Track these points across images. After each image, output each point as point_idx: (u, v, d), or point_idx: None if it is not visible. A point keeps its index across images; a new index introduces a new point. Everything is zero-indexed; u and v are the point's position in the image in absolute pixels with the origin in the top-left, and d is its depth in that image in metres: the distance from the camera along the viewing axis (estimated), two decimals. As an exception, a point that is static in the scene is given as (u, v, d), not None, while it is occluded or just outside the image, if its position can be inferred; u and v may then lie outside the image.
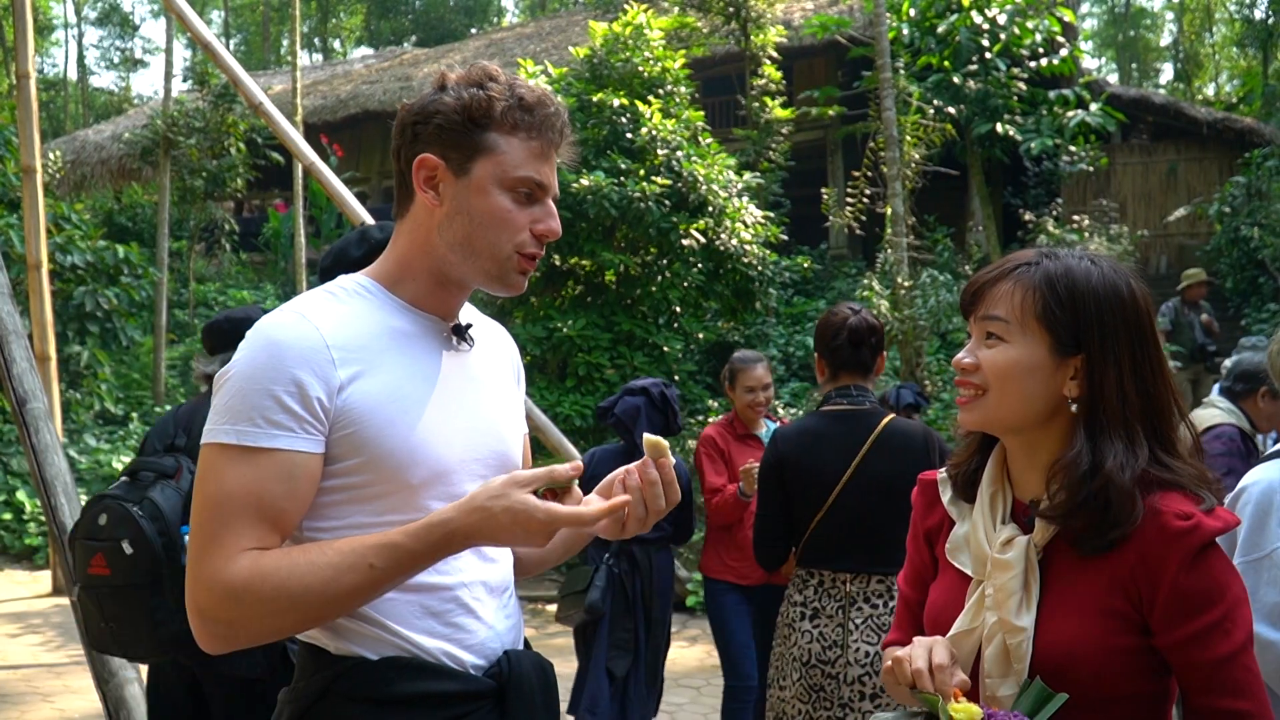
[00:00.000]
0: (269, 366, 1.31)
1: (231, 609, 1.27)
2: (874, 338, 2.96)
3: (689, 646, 6.96)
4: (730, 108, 15.18)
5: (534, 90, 1.43)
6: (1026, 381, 1.35)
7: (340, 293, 1.44)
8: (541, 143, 1.42)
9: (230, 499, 1.29)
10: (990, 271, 1.43)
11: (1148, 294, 1.39)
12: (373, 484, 1.35)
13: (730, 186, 10.04)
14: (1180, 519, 1.27)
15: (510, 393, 1.59)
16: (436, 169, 1.41)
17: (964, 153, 12.79)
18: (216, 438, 1.32)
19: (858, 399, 2.92)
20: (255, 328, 1.37)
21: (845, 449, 2.84)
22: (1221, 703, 1.26)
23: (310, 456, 1.32)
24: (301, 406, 1.31)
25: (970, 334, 1.44)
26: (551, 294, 10.05)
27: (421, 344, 1.44)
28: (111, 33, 36.26)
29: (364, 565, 1.28)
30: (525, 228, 1.43)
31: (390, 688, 1.35)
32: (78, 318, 11.29)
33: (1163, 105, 16.13)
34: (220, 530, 1.28)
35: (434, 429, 1.39)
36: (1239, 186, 13.36)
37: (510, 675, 1.42)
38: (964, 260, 11.67)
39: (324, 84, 20.71)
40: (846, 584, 2.78)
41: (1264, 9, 22.16)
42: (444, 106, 1.40)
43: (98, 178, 18.42)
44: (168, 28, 14.04)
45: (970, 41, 12.32)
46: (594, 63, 10.48)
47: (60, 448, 4.11)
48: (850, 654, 2.71)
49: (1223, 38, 32.98)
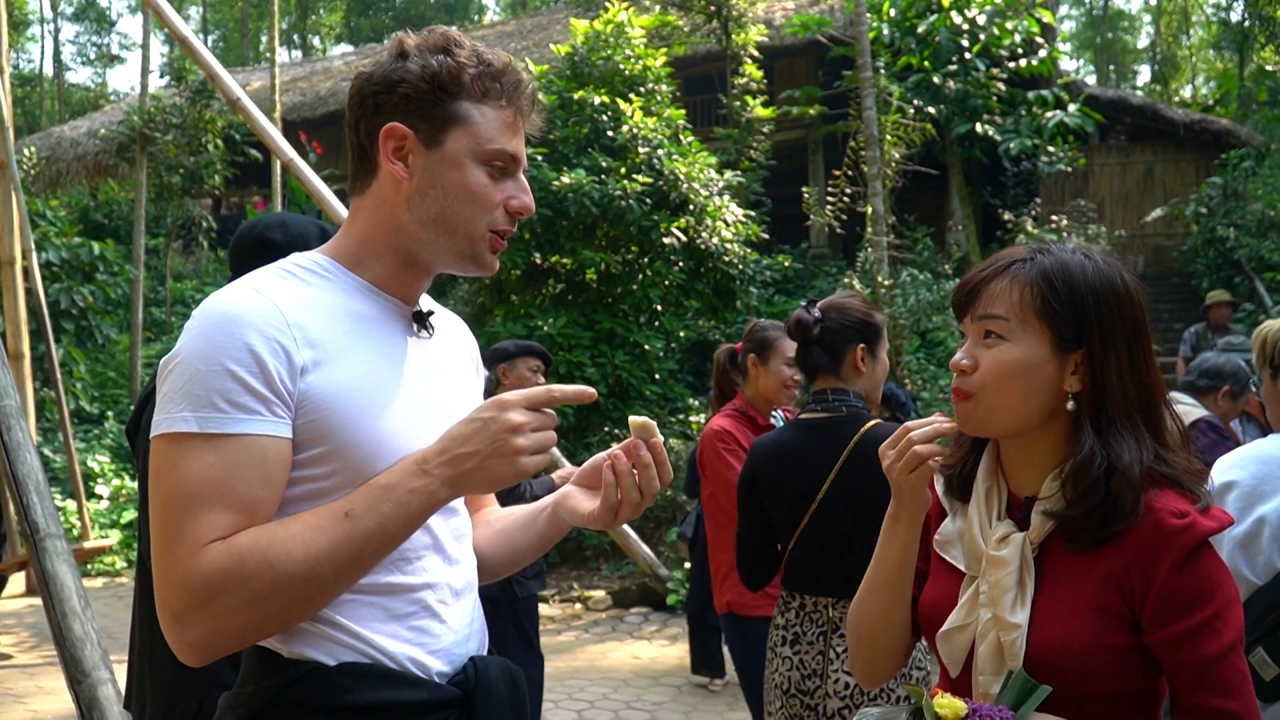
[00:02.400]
0: (223, 343, 1.19)
1: (213, 605, 1.14)
2: (820, 331, 2.62)
3: (669, 645, 6.95)
4: (711, 106, 15.18)
5: (499, 56, 1.35)
6: (1029, 379, 1.34)
7: (298, 270, 1.33)
8: (512, 111, 1.35)
9: (198, 493, 1.16)
10: (984, 269, 1.40)
11: (1140, 286, 1.39)
12: (335, 475, 1.24)
13: (711, 185, 10.04)
14: (1176, 517, 1.27)
15: (471, 385, 1.51)
16: (406, 139, 1.31)
17: (944, 152, 12.85)
18: (173, 426, 1.18)
19: (834, 405, 2.60)
20: (205, 306, 1.25)
21: (820, 464, 2.55)
22: (1210, 701, 1.25)
23: (281, 441, 1.21)
24: (265, 385, 1.19)
25: (965, 335, 1.42)
26: (532, 292, 10.03)
27: (385, 330, 1.34)
28: (88, 28, 35.96)
29: (339, 515, 1.19)
30: (500, 204, 1.34)
31: (348, 696, 1.23)
32: (53, 315, 11.17)
33: (1140, 106, 16.26)
34: (188, 526, 1.16)
35: (401, 421, 1.29)
36: (1215, 187, 13.49)
37: (477, 683, 1.33)
38: (944, 260, 11.72)
39: (303, 81, 20.59)
40: (829, 609, 2.53)
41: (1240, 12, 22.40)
42: (409, 74, 1.31)
43: (73, 174, 18.23)
44: (145, 23, 13.91)
45: (950, 42, 12.38)
46: (575, 60, 10.46)
47: (33, 446, 4.06)
48: (830, 684, 2.48)
49: (1199, 40, 33.28)
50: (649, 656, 6.68)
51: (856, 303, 2.69)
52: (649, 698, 5.74)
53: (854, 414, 2.58)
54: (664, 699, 5.73)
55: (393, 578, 1.29)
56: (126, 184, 17.41)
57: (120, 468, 10.99)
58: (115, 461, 11.10)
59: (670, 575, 7.79)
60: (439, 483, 1.22)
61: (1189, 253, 13.83)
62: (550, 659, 6.51)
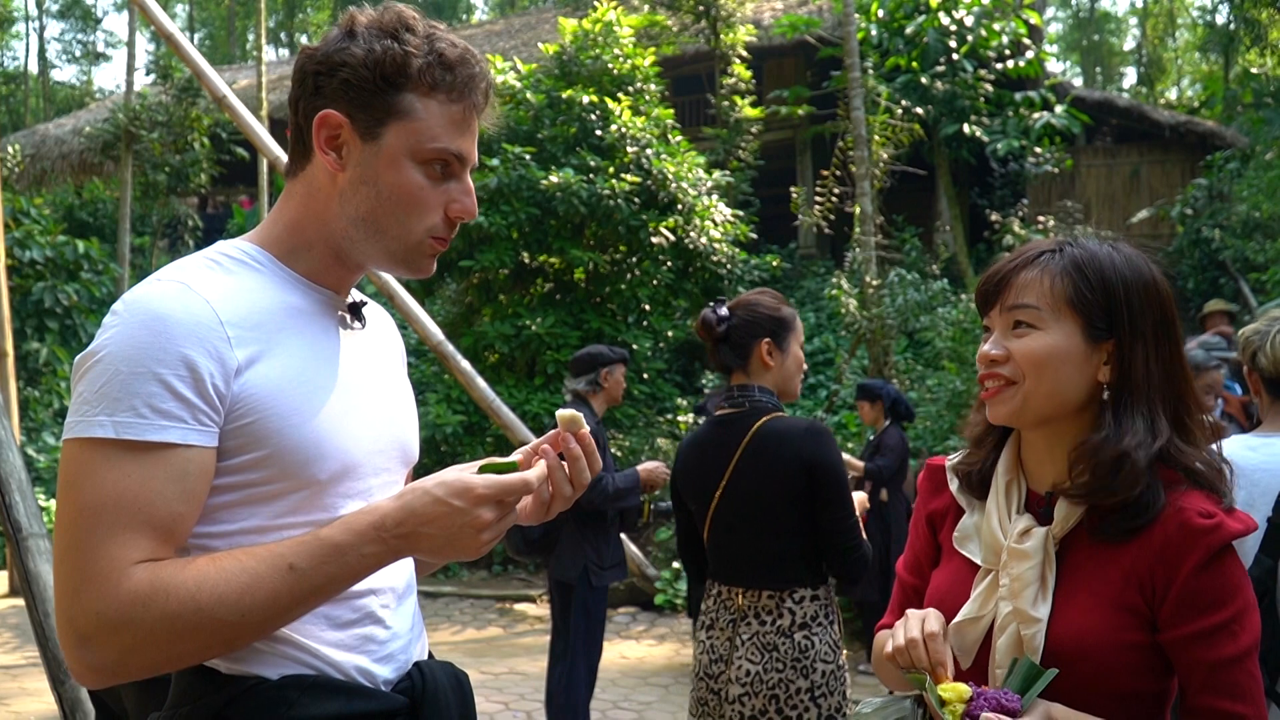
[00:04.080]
0: (153, 345, 1.11)
1: (125, 634, 1.07)
2: (726, 330, 2.68)
3: (657, 645, 6.95)
4: (700, 106, 15.18)
5: (456, 45, 1.25)
6: (1062, 369, 1.33)
7: (225, 261, 1.24)
8: (463, 107, 1.24)
9: (112, 506, 1.08)
10: (1012, 260, 1.39)
11: (1166, 278, 1.39)
12: (273, 480, 1.18)
13: (700, 185, 10.04)
14: (1203, 517, 1.26)
15: (403, 379, 1.45)
16: (341, 128, 1.22)
17: (932, 153, 12.88)
18: (88, 431, 1.09)
19: (739, 400, 2.69)
20: (129, 300, 1.16)
21: (721, 458, 2.66)
22: (1220, 704, 1.25)
23: (204, 451, 1.13)
24: (194, 392, 1.11)
25: (989, 327, 1.40)
26: (520, 291, 10.01)
27: (319, 323, 1.27)
28: (73, 26, 35.75)
29: (283, 566, 1.11)
30: (439, 208, 1.26)
31: (293, 711, 1.17)
32: (36, 314, 11.11)
33: (1126, 108, 16.34)
34: (104, 544, 1.07)
35: (339, 418, 1.23)
36: (1201, 189, 13.56)
37: (424, 690, 1.28)
38: (931, 260, 11.74)
39: (290, 79, 20.51)
40: (739, 598, 2.61)
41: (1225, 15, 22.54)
42: (351, 58, 1.21)
43: (58, 172, 18.09)
44: (130, 21, 13.84)
45: (938, 43, 12.42)
46: (563, 60, 10.45)
47: (16, 445, 4.03)
48: (732, 670, 2.55)
49: (1185, 42, 33.48)
50: (637, 656, 6.67)
51: (766, 299, 2.77)
52: (637, 697, 5.73)
53: (755, 408, 2.67)
54: (652, 698, 5.72)
55: None
56: (112, 182, 17.31)
57: (105, 467, 10.91)
58: (100, 461, 11.02)
59: (659, 575, 7.78)
60: (390, 551, 1.16)
61: (1175, 254, 13.90)
62: (538, 659, 6.50)
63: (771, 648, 2.53)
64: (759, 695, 2.48)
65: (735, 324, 2.69)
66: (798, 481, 2.57)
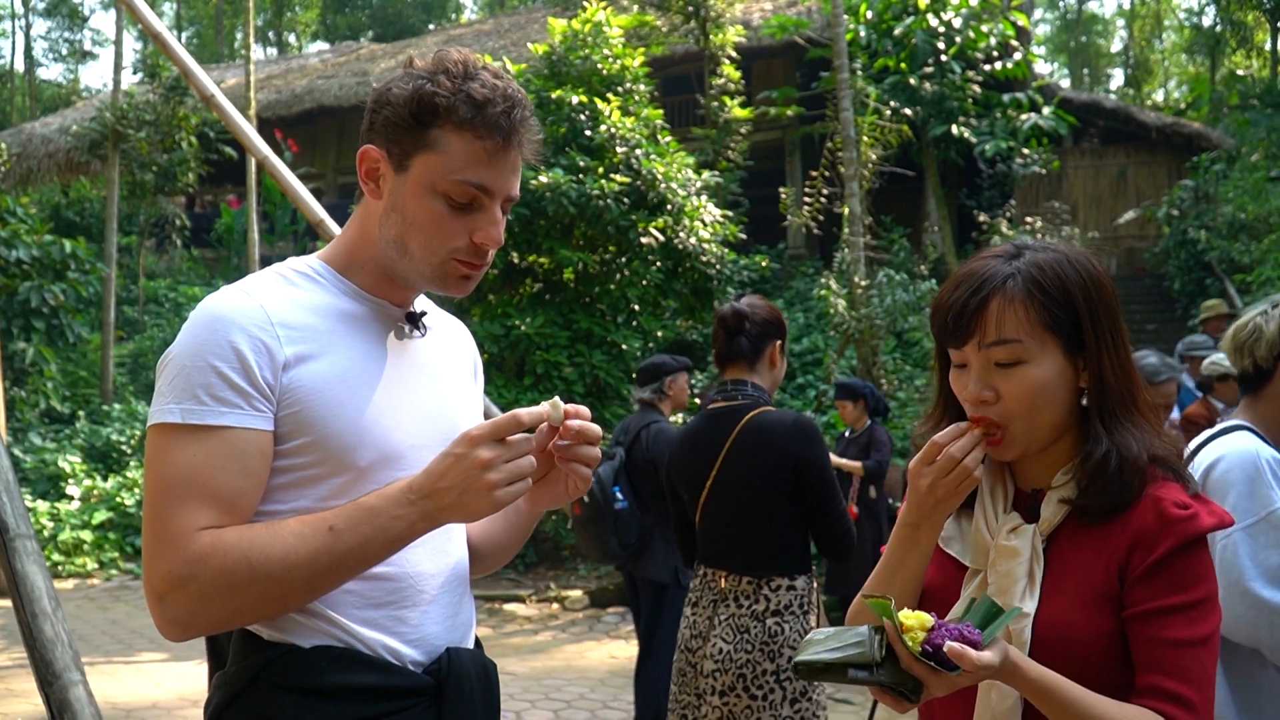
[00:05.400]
0: (210, 340, 1.27)
1: (191, 588, 1.21)
2: (749, 325, 2.85)
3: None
4: (689, 107, 15.20)
5: (489, 85, 1.34)
6: (1056, 394, 1.34)
7: (291, 274, 1.40)
8: (491, 143, 1.33)
9: (181, 482, 1.24)
10: (970, 294, 1.34)
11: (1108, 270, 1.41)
12: (318, 465, 1.30)
13: (689, 185, 10.05)
14: (1179, 508, 1.29)
15: (466, 384, 1.55)
16: (379, 162, 1.37)
17: (920, 154, 12.93)
18: (161, 418, 1.26)
19: (733, 394, 2.86)
20: (199, 307, 1.32)
21: (712, 449, 2.82)
22: (1168, 684, 1.25)
23: (260, 434, 1.27)
24: (246, 381, 1.26)
25: (959, 362, 1.38)
26: (509, 291, 10.00)
27: (372, 328, 1.40)
28: (60, 24, 35.59)
29: (324, 528, 1.24)
30: (461, 235, 1.36)
31: (321, 678, 1.29)
32: (23, 314, 11.05)
33: (1113, 110, 16.43)
34: (175, 514, 1.23)
35: (382, 412, 1.35)
36: (1187, 190, 13.64)
37: (449, 673, 1.37)
38: (920, 260, 11.79)
39: (278, 78, 20.44)
40: (721, 580, 2.78)
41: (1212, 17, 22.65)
42: (394, 98, 1.34)
43: (45, 171, 18.02)
44: (118, 19, 13.78)
45: (926, 44, 12.46)
46: (553, 60, 10.44)
47: (2, 445, 4.01)
48: (708, 647, 2.73)
49: (1172, 44, 33.66)
50: (626, 656, 6.68)
51: (769, 305, 2.97)
52: (626, 697, 5.73)
53: (749, 401, 2.83)
54: (641, 698, 5.72)
55: (378, 567, 1.32)
56: (99, 181, 17.24)
57: (92, 468, 10.86)
58: (86, 462, 10.97)
59: (647, 575, 7.78)
60: (419, 514, 1.27)
61: (1161, 254, 13.99)
62: (527, 659, 6.50)
63: (744, 630, 2.69)
64: (728, 673, 2.66)
65: (758, 321, 2.87)
66: (784, 473, 2.74)
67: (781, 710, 2.61)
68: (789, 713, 2.62)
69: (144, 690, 5.81)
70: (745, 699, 2.63)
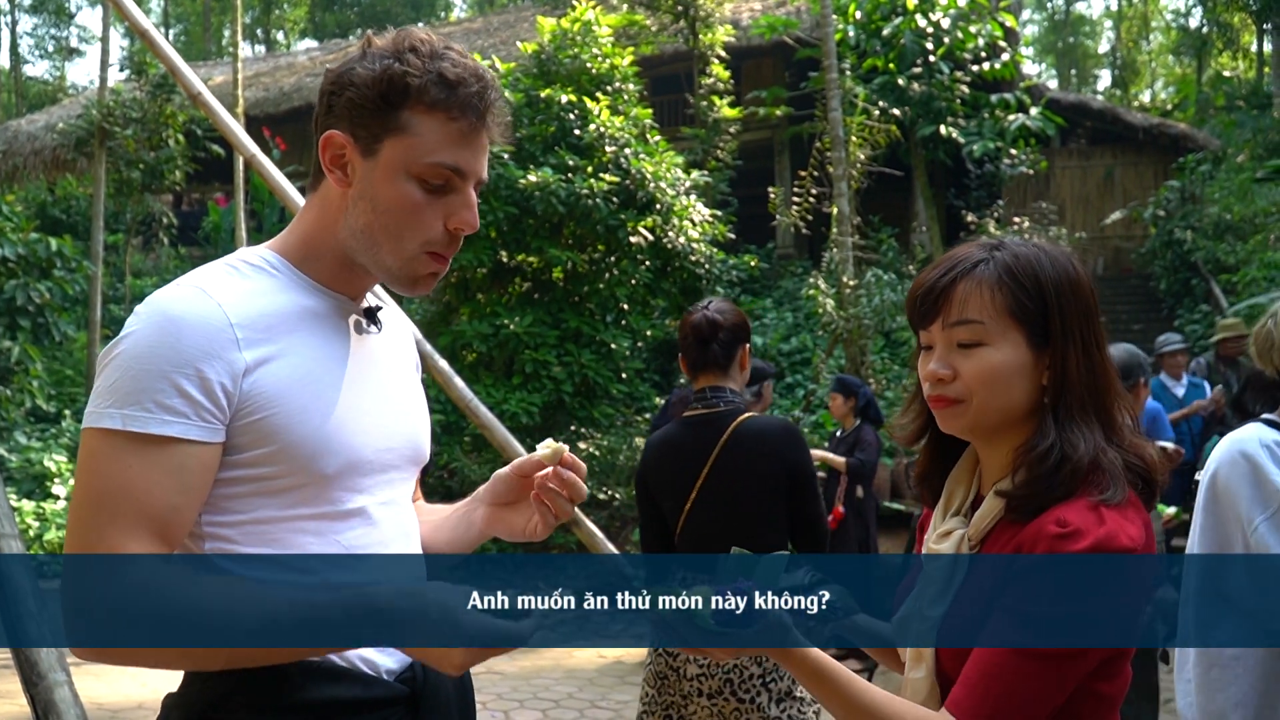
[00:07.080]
0: (166, 348, 1.18)
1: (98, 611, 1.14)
2: (720, 333, 2.82)
3: (635, 644, 6.95)
4: (678, 106, 15.20)
5: (460, 64, 1.28)
6: (1012, 381, 1.32)
7: (243, 266, 1.31)
8: (464, 124, 1.27)
9: (115, 493, 1.16)
10: (941, 275, 1.35)
11: (1088, 272, 1.40)
12: (282, 475, 1.24)
13: (678, 185, 10.06)
14: (1059, 525, 1.24)
15: (416, 380, 1.50)
16: (345, 147, 1.28)
17: (908, 154, 12.96)
18: (100, 421, 1.17)
19: (713, 401, 2.83)
20: (149, 302, 1.23)
21: (696, 458, 2.78)
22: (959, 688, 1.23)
23: (206, 448, 1.19)
24: (201, 393, 1.18)
25: (926, 343, 1.37)
26: (498, 290, 9.99)
27: (331, 325, 1.33)
28: (46, 20, 35.32)
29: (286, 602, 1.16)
30: (436, 222, 1.29)
31: (301, 693, 1.22)
32: (8, 312, 10.98)
33: (1100, 110, 16.51)
34: (104, 527, 1.15)
35: (347, 416, 1.29)
36: (1173, 190, 13.71)
37: (425, 681, 1.33)
38: (908, 260, 11.83)
39: (266, 76, 20.37)
40: None
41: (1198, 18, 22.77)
42: (357, 79, 1.27)
43: (30, 169, 17.89)
44: (104, 16, 13.70)
45: (914, 45, 12.49)
46: (542, 58, 10.43)
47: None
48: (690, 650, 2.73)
49: (1159, 46, 33.84)
50: (614, 655, 6.68)
51: (735, 308, 2.93)
52: (615, 696, 5.74)
53: (731, 408, 2.81)
54: (629, 698, 5.72)
55: (347, 575, 1.28)
56: (85, 179, 17.14)
57: (78, 467, 10.81)
58: (73, 461, 10.92)
59: (636, 575, 7.79)
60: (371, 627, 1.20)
61: (1147, 254, 14.06)
62: (515, 658, 6.49)
63: None
64: (714, 678, 2.66)
65: (728, 326, 2.84)
66: (777, 480, 2.75)
67: (770, 711, 2.64)
68: (776, 713, 2.64)
69: (129, 691, 5.79)
70: (734, 702, 2.66)
